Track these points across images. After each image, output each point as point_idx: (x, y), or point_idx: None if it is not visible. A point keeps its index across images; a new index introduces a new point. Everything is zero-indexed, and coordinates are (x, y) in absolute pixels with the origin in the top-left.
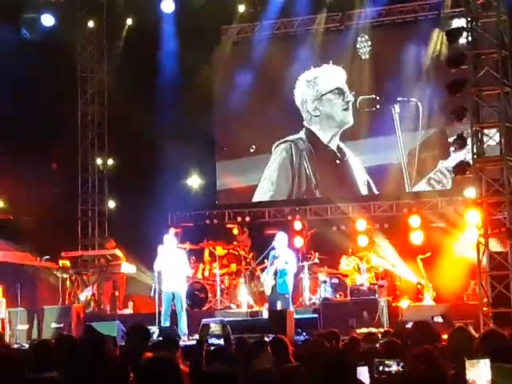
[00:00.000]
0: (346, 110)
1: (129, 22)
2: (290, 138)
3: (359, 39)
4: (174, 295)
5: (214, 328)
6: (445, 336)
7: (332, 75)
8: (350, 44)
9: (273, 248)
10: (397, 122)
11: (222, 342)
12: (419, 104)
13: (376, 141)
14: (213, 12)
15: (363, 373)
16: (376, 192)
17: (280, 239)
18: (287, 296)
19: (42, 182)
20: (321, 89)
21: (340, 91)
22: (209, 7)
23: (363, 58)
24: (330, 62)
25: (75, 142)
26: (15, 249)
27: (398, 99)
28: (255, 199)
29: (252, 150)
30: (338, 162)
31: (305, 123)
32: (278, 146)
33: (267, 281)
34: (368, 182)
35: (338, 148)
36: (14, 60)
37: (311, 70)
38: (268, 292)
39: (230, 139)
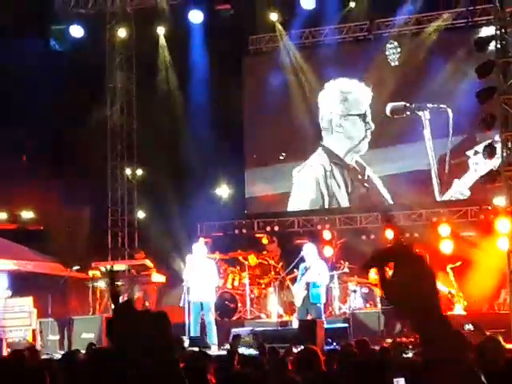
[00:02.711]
0: (364, 138)
1: (157, 32)
2: (313, 162)
3: (388, 46)
4: (202, 305)
5: (246, 338)
6: None
7: (361, 97)
8: (378, 51)
9: (302, 259)
10: (427, 128)
11: (252, 351)
12: (448, 110)
13: (403, 148)
14: (241, 22)
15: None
16: (391, 202)
17: (309, 250)
18: (319, 306)
19: (71, 192)
20: (350, 108)
21: (364, 117)
22: (237, 17)
23: (392, 64)
24: (362, 80)
25: (104, 153)
26: (46, 259)
27: (428, 105)
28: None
29: (282, 158)
30: (360, 176)
31: (323, 136)
32: (303, 169)
33: (298, 292)
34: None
35: (357, 163)
36: (43, 71)
37: (341, 79)
38: (298, 303)
39: (259, 146)
